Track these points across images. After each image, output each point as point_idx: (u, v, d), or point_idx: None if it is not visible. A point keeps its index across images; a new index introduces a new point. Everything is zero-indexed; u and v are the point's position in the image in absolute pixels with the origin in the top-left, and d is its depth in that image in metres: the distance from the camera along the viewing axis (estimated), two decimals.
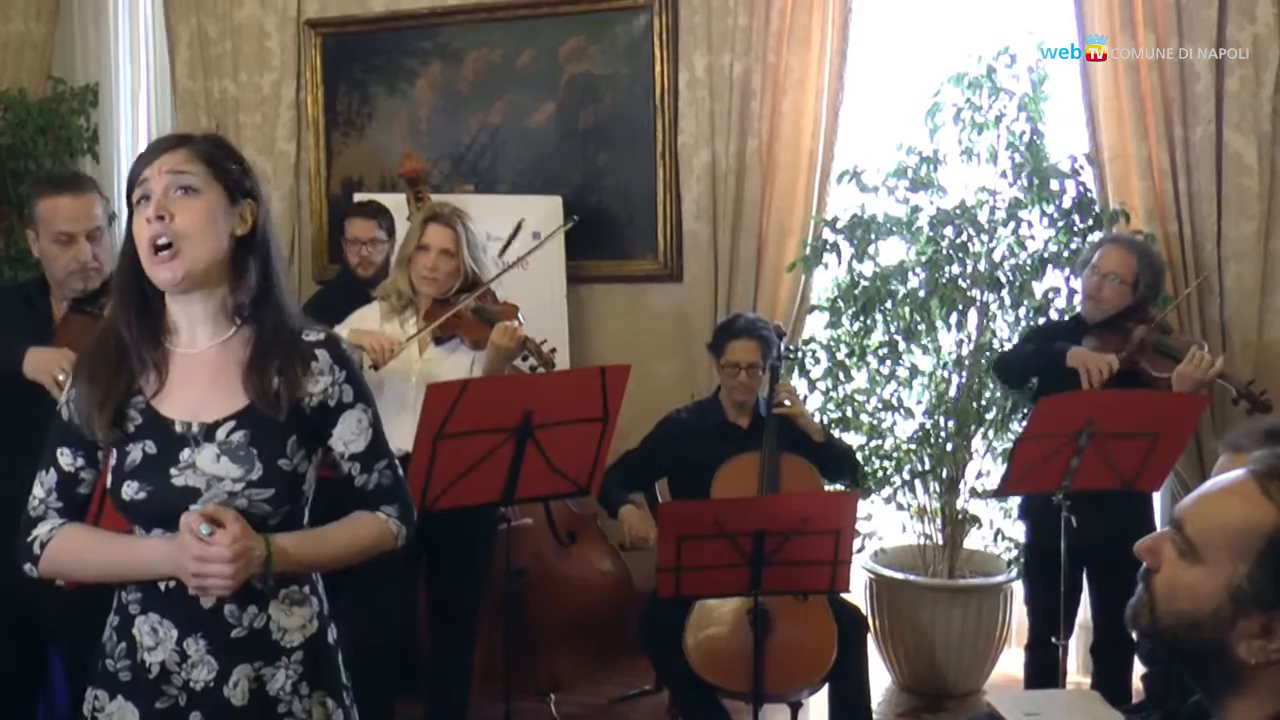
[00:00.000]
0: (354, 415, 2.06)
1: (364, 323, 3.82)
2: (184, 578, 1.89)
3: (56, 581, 2.04)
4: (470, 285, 3.80)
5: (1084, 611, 4.20)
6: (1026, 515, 4.20)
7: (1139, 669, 3.86)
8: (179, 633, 1.97)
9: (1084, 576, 3.99)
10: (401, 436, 3.48)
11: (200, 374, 1.99)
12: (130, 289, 1.98)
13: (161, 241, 1.90)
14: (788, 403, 4.07)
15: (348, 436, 2.06)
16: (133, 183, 1.95)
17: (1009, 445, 4.31)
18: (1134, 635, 1.48)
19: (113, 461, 1.99)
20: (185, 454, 1.96)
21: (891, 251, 4.84)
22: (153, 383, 1.99)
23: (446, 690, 3.89)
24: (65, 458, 2.02)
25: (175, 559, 1.89)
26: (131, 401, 1.98)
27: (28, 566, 2.01)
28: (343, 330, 3.78)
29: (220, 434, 1.97)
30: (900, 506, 4.91)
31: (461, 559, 3.78)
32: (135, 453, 1.97)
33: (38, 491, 2.02)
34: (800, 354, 4.86)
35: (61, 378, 2.72)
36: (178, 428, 1.97)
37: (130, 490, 1.96)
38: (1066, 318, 4.38)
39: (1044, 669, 3.93)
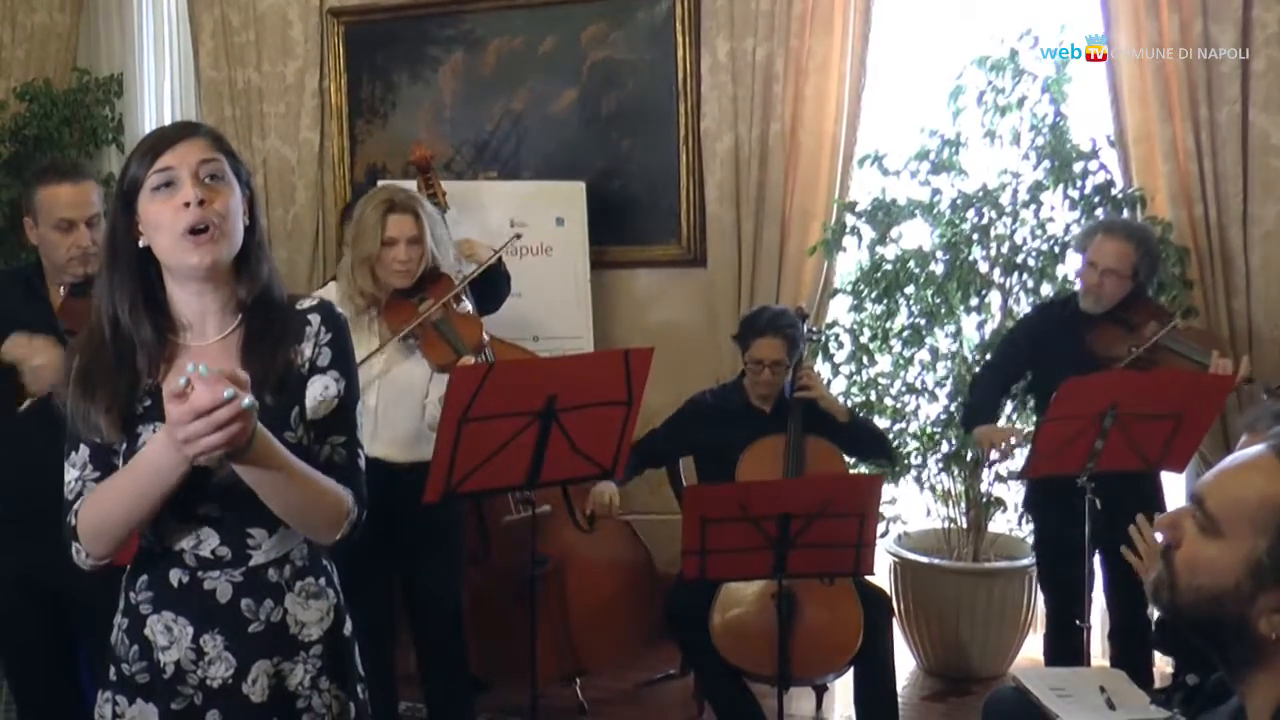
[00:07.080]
0: (323, 381, 2.01)
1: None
2: (178, 450, 1.74)
3: (85, 565, 1.99)
4: (431, 274, 3.66)
5: (1101, 598, 4.20)
6: (1030, 508, 4.23)
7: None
8: (195, 629, 1.95)
9: (1097, 562, 3.99)
10: (364, 437, 3.42)
11: (208, 361, 1.92)
12: (134, 282, 1.95)
13: (201, 226, 1.88)
14: (809, 388, 4.08)
15: (312, 401, 2.00)
16: (144, 170, 1.91)
17: (1033, 428, 4.30)
18: (1155, 611, 1.49)
19: (124, 446, 1.94)
20: None
21: (913, 235, 4.83)
22: (162, 370, 1.94)
23: (443, 687, 3.83)
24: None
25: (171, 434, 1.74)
26: (141, 388, 1.94)
27: (74, 548, 1.93)
28: None
29: None
30: (930, 489, 4.91)
31: (431, 549, 3.71)
32: (146, 434, 1.92)
33: (71, 474, 1.95)
34: (824, 338, 4.86)
35: (37, 362, 2.83)
36: None
37: None
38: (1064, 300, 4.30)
39: (1067, 652, 3.93)
